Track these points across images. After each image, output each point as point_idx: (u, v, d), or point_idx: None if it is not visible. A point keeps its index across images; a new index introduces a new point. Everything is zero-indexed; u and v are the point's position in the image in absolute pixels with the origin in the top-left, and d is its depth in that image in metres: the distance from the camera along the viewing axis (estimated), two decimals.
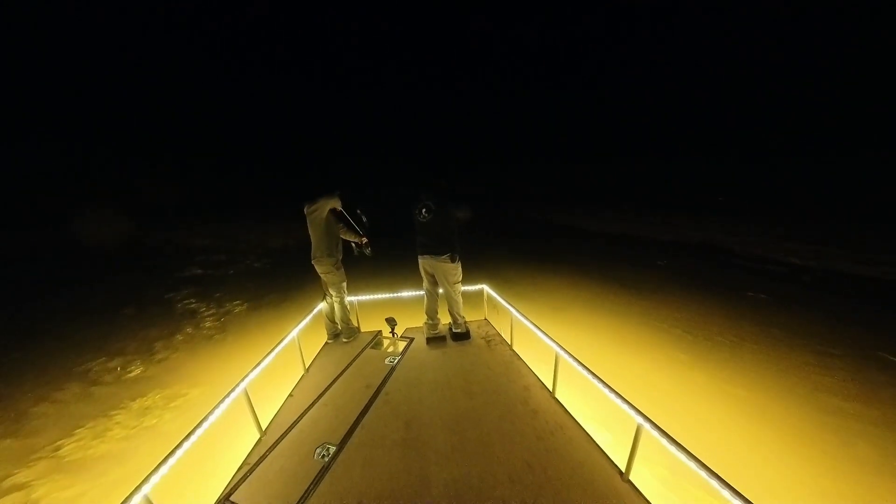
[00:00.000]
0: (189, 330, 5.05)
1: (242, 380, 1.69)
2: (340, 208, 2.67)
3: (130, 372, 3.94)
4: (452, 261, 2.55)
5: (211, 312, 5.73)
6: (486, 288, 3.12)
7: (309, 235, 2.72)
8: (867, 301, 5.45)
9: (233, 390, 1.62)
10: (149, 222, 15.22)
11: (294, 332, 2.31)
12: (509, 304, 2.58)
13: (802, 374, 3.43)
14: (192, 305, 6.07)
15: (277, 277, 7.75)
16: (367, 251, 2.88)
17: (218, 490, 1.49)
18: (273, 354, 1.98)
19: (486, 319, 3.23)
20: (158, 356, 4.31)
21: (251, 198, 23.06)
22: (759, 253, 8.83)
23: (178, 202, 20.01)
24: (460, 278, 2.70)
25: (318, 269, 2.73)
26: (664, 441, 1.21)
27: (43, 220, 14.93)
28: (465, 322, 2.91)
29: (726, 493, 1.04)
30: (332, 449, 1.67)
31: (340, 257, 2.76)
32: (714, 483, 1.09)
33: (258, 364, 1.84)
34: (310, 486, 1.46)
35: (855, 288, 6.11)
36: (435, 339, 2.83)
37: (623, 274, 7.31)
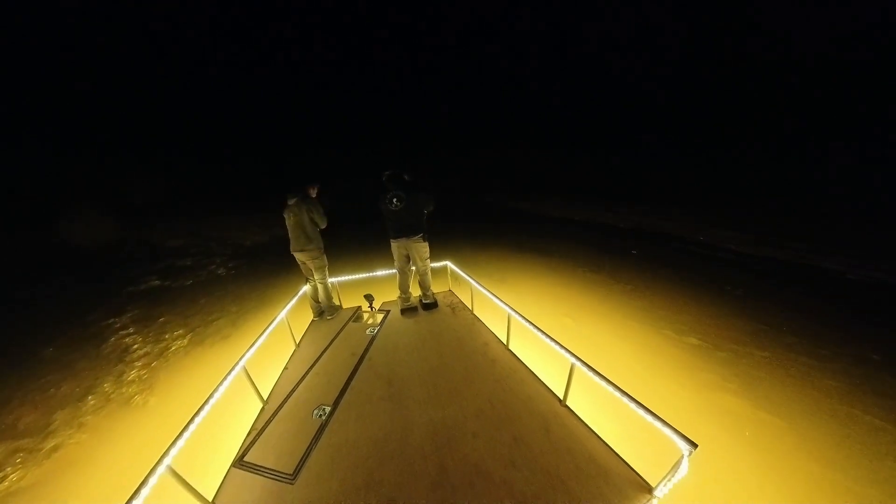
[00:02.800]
0: (107, 386, 4.35)
1: (241, 359, 2.10)
2: (315, 194, 3.31)
3: (1, 481, 2.95)
4: (424, 240, 3.22)
5: (144, 352, 5.33)
6: (449, 264, 3.89)
7: (286, 228, 3.29)
8: (811, 290, 6.73)
9: (233, 369, 2.02)
10: (132, 221, 15.02)
11: (283, 314, 2.80)
12: (469, 276, 3.32)
13: (819, 386, 3.74)
14: (128, 338, 5.81)
15: (236, 290, 7.83)
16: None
17: (230, 454, 1.89)
18: (265, 335, 2.44)
19: (450, 290, 4.00)
20: (53, 441, 3.41)
21: (235, 190, 23.09)
22: (703, 240, 10.66)
23: (164, 198, 19.88)
24: (428, 255, 3.37)
25: (305, 256, 3.30)
26: (591, 374, 1.84)
27: (14, 221, 14.19)
28: (434, 294, 3.59)
29: (638, 409, 1.65)
30: (328, 409, 2.15)
31: (322, 244, 3.35)
32: (625, 399, 1.68)
33: (253, 344, 2.28)
34: (311, 441, 1.92)
35: (793, 276, 7.61)
36: (408, 310, 3.48)
37: (607, 264, 8.42)
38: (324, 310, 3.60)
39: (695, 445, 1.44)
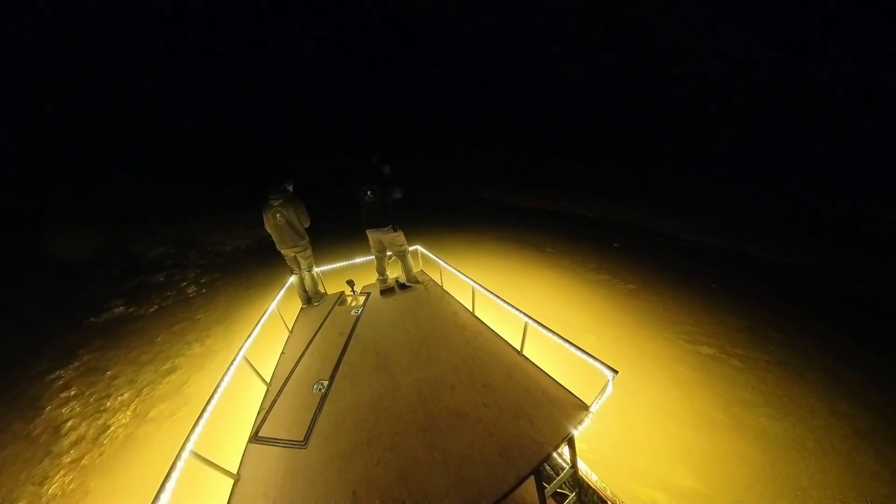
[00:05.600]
0: None
1: (240, 349, 2.56)
2: (292, 190, 3.74)
3: None
4: (394, 230, 3.82)
5: (78, 436, 4.71)
6: (419, 248, 4.67)
7: (269, 226, 3.72)
8: (756, 277, 8.45)
9: (235, 359, 2.47)
10: (121, 227, 14.96)
11: (273, 304, 3.34)
12: (438, 257, 4.10)
13: (826, 392, 4.64)
14: (66, 408, 5.42)
15: (203, 318, 7.89)
16: None
17: (245, 433, 2.34)
18: (259, 326, 2.95)
19: (422, 270, 4.79)
20: None
21: (235, 190, 22.84)
22: (658, 229, 12.44)
23: (158, 199, 19.80)
24: (403, 242, 3.99)
25: (295, 251, 3.80)
26: (540, 328, 2.53)
27: None
28: (414, 275, 4.24)
29: (576, 351, 2.24)
30: (326, 383, 2.69)
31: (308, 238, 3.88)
32: (566, 345, 2.31)
33: (249, 335, 2.78)
34: (315, 411, 2.44)
35: (736, 263, 9.40)
36: (386, 291, 4.17)
37: (601, 261, 9.63)
38: (311, 297, 4.16)
39: (615, 372, 2.15)
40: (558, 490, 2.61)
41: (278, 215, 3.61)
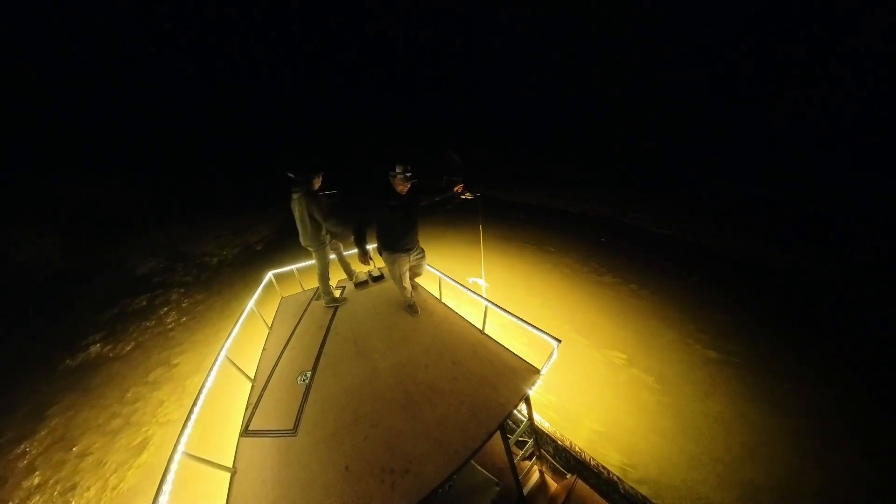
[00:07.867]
0: None
1: (221, 349, 2.82)
2: (318, 186, 3.56)
3: None
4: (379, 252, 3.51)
5: None
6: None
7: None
8: (727, 273, 9.69)
9: (217, 359, 2.71)
10: (116, 237, 14.71)
11: (251, 304, 3.61)
12: None
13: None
14: None
15: (180, 367, 7.75)
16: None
17: (235, 429, 2.60)
18: (238, 325, 3.24)
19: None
20: None
21: (222, 191, 22.80)
22: (630, 222, 13.60)
23: (150, 205, 19.26)
24: (390, 268, 3.48)
25: (310, 249, 3.83)
26: (498, 310, 3.01)
27: None
28: (404, 294, 3.85)
29: (523, 324, 2.75)
30: (309, 374, 3.02)
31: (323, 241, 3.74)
32: (518, 321, 2.84)
33: (229, 335, 3.06)
34: (301, 401, 2.75)
35: (697, 256, 10.68)
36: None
37: (592, 257, 10.57)
38: (320, 296, 4.16)
39: (559, 341, 2.66)
40: (519, 439, 3.12)
41: (295, 209, 3.56)
